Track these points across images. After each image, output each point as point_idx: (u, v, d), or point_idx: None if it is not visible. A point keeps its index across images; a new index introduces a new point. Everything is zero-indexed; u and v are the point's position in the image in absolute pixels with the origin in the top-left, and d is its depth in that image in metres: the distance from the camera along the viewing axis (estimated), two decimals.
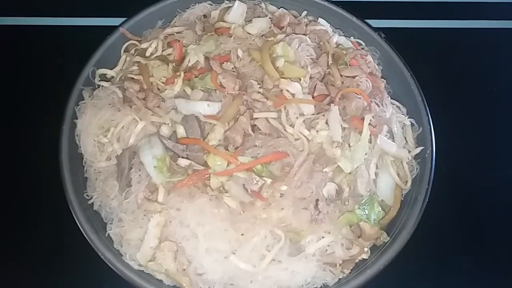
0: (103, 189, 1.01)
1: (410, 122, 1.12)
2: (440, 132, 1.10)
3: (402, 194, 1.07)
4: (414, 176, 1.07)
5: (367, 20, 1.26)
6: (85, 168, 1.06)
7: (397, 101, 1.17)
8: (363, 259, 0.99)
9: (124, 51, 1.20)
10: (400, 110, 1.15)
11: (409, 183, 1.06)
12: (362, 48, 1.23)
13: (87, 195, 1.03)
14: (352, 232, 0.98)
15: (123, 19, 1.22)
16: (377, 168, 1.03)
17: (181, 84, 1.05)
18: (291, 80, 1.03)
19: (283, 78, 1.03)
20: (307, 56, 1.09)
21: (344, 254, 0.96)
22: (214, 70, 1.04)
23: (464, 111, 1.34)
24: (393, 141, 1.07)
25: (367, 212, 0.98)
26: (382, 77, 1.19)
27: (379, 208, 1.01)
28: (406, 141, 1.11)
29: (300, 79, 1.05)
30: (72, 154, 1.05)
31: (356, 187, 0.99)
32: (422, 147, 1.09)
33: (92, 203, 1.02)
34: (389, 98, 1.14)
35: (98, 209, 1.02)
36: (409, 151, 1.09)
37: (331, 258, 0.95)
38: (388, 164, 1.04)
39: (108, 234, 0.98)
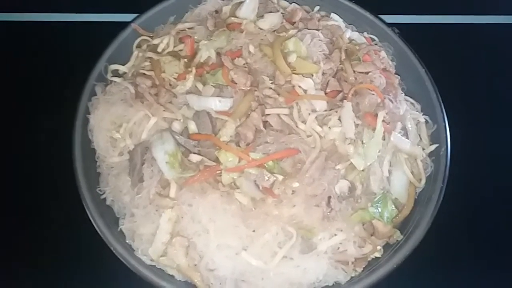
0: (116, 184, 1.02)
1: (425, 119, 1.11)
2: (455, 130, 1.08)
3: (416, 192, 1.05)
4: (428, 174, 1.06)
5: (381, 16, 1.25)
6: (97, 163, 1.07)
7: (411, 97, 1.16)
8: (376, 257, 0.98)
9: (136, 47, 1.20)
10: (414, 106, 1.13)
11: (423, 181, 1.05)
12: (376, 44, 1.21)
13: (100, 190, 1.03)
14: (364, 230, 0.97)
15: (135, 15, 1.22)
16: (390, 165, 1.01)
17: (193, 80, 1.05)
18: (303, 76, 1.02)
19: (295, 74, 1.03)
20: (320, 51, 1.07)
21: (357, 252, 0.95)
22: (226, 65, 1.04)
23: (480, 108, 1.32)
24: (407, 138, 1.05)
25: (380, 210, 0.97)
26: (396, 73, 1.17)
27: (393, 206, 1.00)
28: (421, 138, 1.09)
29: (312, 75, 1.04)
30: (85, 149, 1.05)
31: (369, 185, 0.98)
32: (436, 145, 1.07)
33: (105, 198, 1.03)
34: (403, 94, 1.13)
35: (111, 204, 1.03)
36: (423, 149, 1.07)
37: (343, 256, 0.95)
38: (401, 161, 1.02)
39: (120, 229, 0.98)
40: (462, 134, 1.10)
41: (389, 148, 1.01)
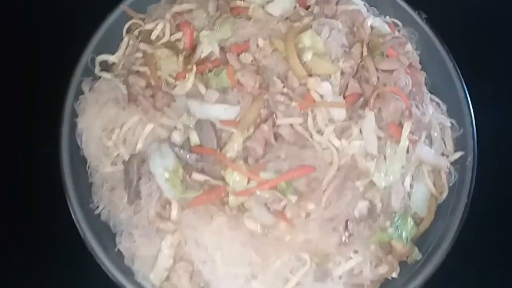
0: (111, 199, 0.92)
1: (451, 122, 1.00)
2: (483, 134, 0.98)
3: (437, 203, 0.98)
4: (451, 184, 0.97)
5: None
6: (89, 172, 0.97)
7: (436, 95, 1.04)
8: (392, 278, 0.92)
9: (126, 32, 1.05)
10: (440, 107, 1.02)
11: (445, 193, 0.96)
12: (399, 30, 1.07)
13: (93, 204, 0.94)
14: (381, 249, 0.91)
15: None
16: (412, 179, 0.93)
17: (193, 79, 0.92)
18: (320, 79, 0.90)
19: (311, 75, 0.90)
20: (339, 46, 0.94)
21: (372, 274, 0.89)
22: (231, 64, 0.91)
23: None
24: (431, 146, 0.96)
25: (399, 231, 0.90)
26: (421, 66, 1.05)
27: (412, 222, 0.92)
28: (445, 144, 0.99)
29: (330, 76, 0.92)
30: (74, 157, 0.94)
31: (390, 203, 0.90)
32: (462, 153, 0.97)
33: (99, 213, 0.94)
34: (429, 94, 1.01)
35: (106, 219, 0.94)
36: (447, 156, 0.98)
37: (358, 279, 0.89)
38: (425, 174, 0.94)
39: (118, 248, 0.91)
40: (491, 139, 1.00)
41: (413, 162, 0.92)
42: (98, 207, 0.94)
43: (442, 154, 0.98)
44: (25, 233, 1.03)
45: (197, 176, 0.85)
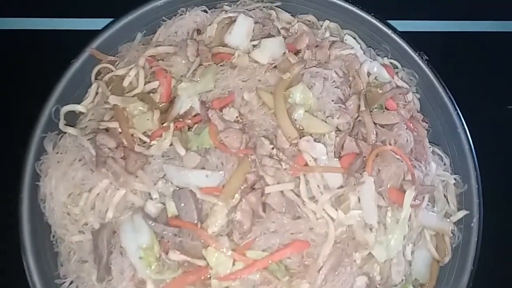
0: (79, 274, 0.82)
1: (455, 179, 0.92)
2: (488, 188, 0.90)
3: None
4: (455, 245, 0.90)
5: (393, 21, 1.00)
6: (54, 239, 0.86)
7: (438, 143, 0.96)
8: None
9: (96, 78, 0.94)
10: (442, 161, 0.93)
11: (449, 257, 0.89)
12: (397, 73, 0.98)
13: (59, 279, 0.83)
14: None
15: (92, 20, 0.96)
16: (414, 245, 0.85)
17: (171, 139, 0.81)
18: (313, 138, 0.80)
19: (303, 134, 0.80)
20: (333, 101, 0.84)
21: None
22: (214, 124, 0.80)
23: None
24: (434, 205, 0.88)
25: None
26: (422, 113, 0.96)
27: None
28: (448, 202, 0.91)
29: (324, 135, 0.82)
30: (36, 222, 0.84)
31: (390, 276, 0.81)
32: (466, 212, 0.89)
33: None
34: (431, 148, 0.92)
35: None
36: (451, 215, 0.90)
37: None
38: (427, 239, 0.86)
39: None
40: (495, 194, 0.92)
41: (415, 229, 0.83)
42: (64, 282, 0.83)
43: (445, 213, 0.90)
44: None
45: (174, 256, 0.75)
